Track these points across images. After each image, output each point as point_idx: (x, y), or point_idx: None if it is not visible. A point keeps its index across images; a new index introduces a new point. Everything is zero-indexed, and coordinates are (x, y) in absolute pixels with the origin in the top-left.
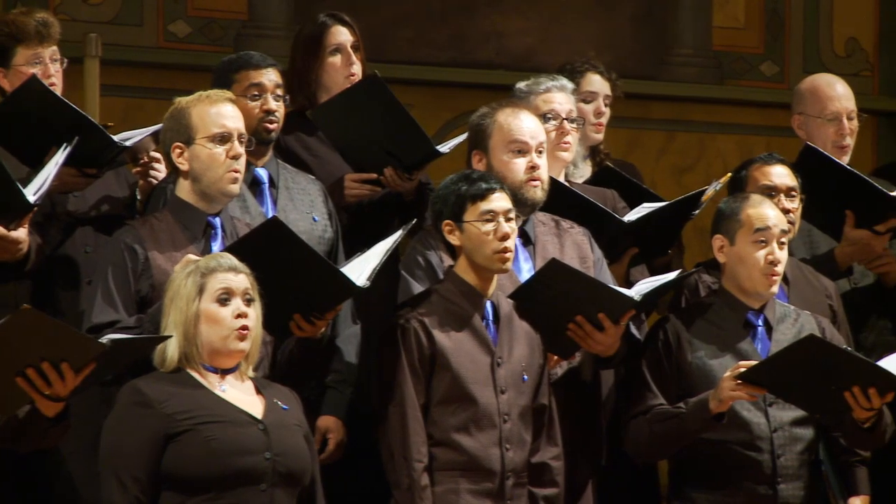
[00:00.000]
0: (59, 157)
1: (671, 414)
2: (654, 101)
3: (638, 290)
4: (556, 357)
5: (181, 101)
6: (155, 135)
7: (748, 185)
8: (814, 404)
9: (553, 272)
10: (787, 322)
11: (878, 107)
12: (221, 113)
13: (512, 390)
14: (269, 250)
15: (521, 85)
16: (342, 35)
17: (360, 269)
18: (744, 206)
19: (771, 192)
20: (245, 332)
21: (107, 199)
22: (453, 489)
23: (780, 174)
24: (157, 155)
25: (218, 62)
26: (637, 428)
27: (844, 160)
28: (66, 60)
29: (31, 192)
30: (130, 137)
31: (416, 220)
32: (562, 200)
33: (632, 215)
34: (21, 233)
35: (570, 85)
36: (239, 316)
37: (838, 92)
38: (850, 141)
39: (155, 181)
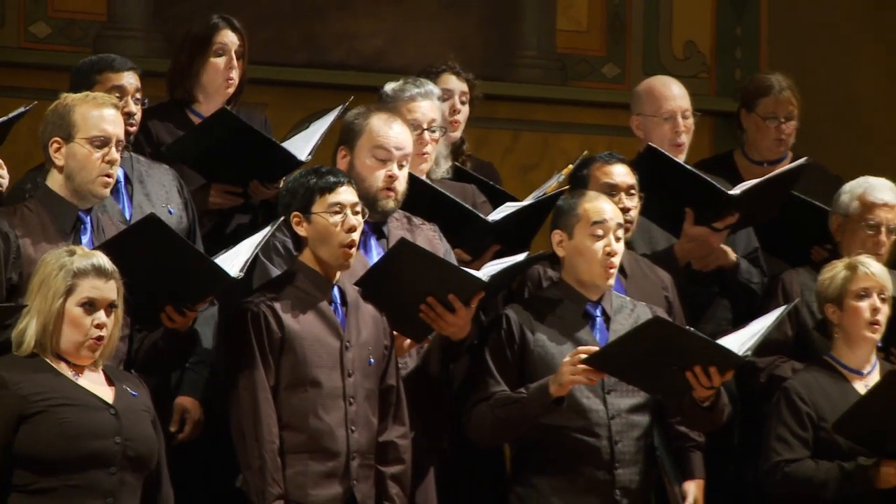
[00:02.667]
0: None
1: (512, 399)
2: (500, 101)
3: (486, 272)
4: (408, 341)
5: (67, 97)
6: None
7: (590, 184)
8: (655, 385)
9: (402, 252)
10: (624, 313)
11: (715, 107)
12: (104, 117)
13: (358, 373)
14: (144, 246)
15: (388, 88)
16: (229, 38)
17: (231, 261)
18: (581, 201)
19: (612, 190)
20: (99, 342)
21: None
22: (301, 471)
23: (621, 173)
24: None
25: (78, 62)
26: (480, 414)
27: (680, 157)
28: None
29: None
30: None
31: (283, 217)
32: (427, 200)
33: (496, 215)
34: None
35: (436, 91)
36: (98, 326)
37: (673, 92)
38: (685, 139)
39: None
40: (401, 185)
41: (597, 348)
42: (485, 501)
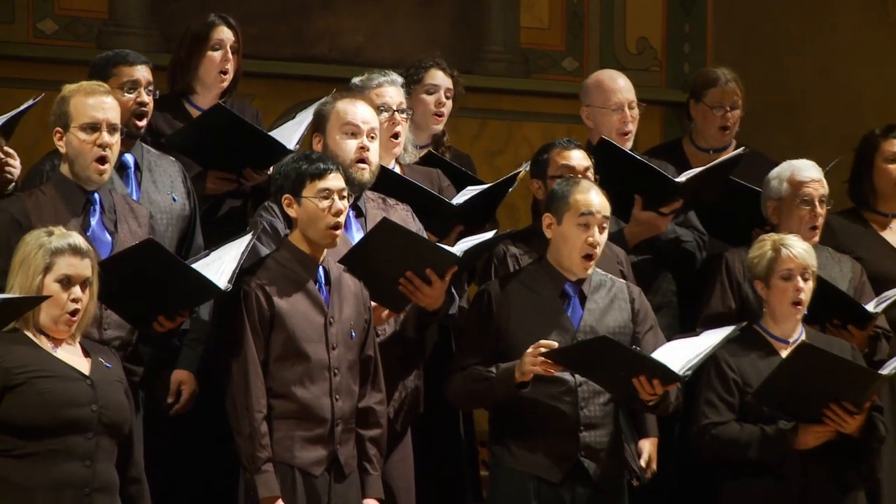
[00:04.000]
0: None
1: (483, 377)
2: (468, 92)
3: (460, 248)
4: (387, 311)
5: (66, 88)
6: (2, 128)
7: (549, 167)
8: (606, 383)
9: (384, 231)
10: (602, 291)
11: (665, 98)
12: (93, 104)
13: (341, 346)
14: (143, 265)
15: (356, 80)
16: (225, 34)
17: (218, 268)
18: (573, 190)
19: (570, 172)
20: (74, 317)
21: None
22: (289, 436)
23: (578, 157)
24: (10, 150)
25: (96, 57)
26: (456, 382)
27: (628, 145)
28: None
29: None
30: None
31: (262, 226)
32: (398, 188)
33: (459, 198)
34: None
35: (399, 79)
36: (74, 300)
37: (620, 85)
38: (632, 128)
39: (10, 177)
40: (373, 156)
41: (556, 344)
42: (457, 462)
